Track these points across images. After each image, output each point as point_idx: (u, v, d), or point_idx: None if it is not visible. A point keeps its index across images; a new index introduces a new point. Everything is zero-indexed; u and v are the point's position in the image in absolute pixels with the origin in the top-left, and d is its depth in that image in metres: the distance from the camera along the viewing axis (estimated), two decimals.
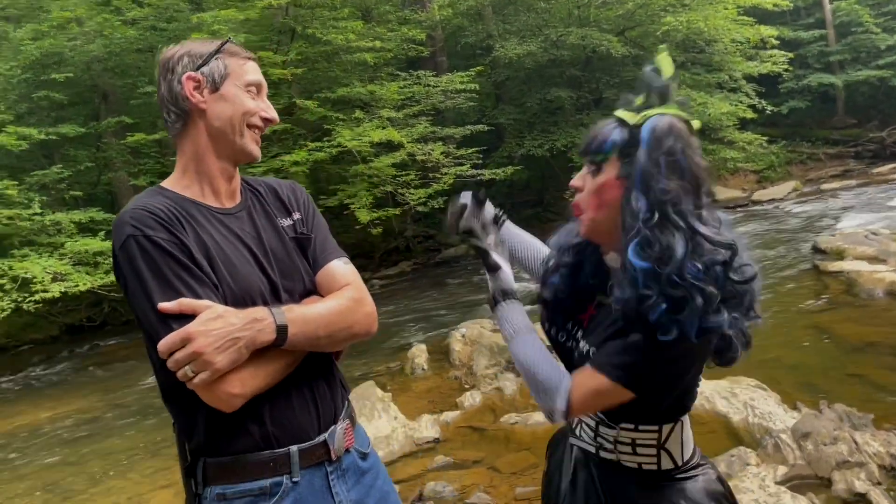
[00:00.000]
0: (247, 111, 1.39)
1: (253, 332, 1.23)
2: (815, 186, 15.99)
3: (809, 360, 4.67)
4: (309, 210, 1.54)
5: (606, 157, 1.30)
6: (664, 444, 1.40)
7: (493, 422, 4.38)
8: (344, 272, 1.47)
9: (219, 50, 1.39)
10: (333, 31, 10.86)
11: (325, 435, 1.39)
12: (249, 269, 1.36)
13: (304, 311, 1.33)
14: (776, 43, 15.99)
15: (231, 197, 1.44)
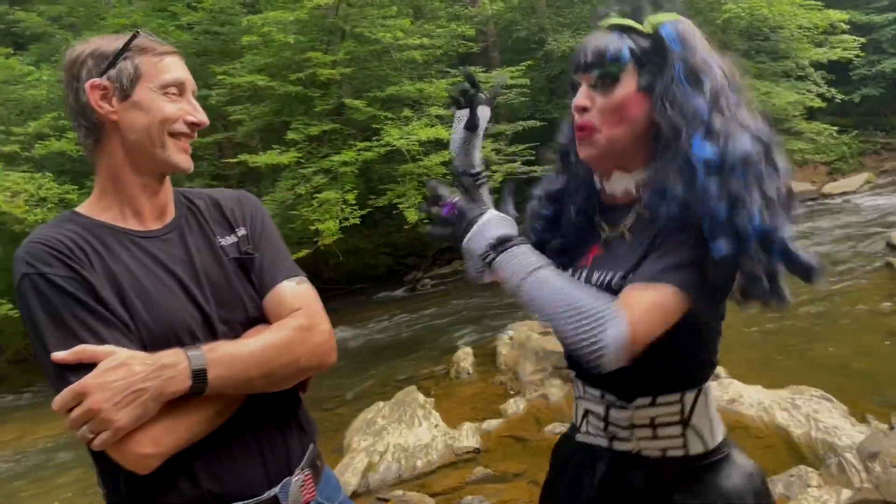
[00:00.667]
0: (165, 118, 1.20)
1: (160, 380, 1.06)
2: (890, 178, 15.16)
3: (882, 368, 4.32)
4: (257, 223, 1.35)
5: (622, 69, 1.19)
6: (689, 419, 1.24)
7: (537, 431, 4.19)
8: (294, 294, 1.27)
9: (126, 47, 1.19)
10: (382, 30, 10.80)
11: (277, 489, 1.21)
12: (173, 301, 1.18)
13: (233, 348, 1.14)
14: (846, 28, 15.23)
15: (158, 217, 1.27)
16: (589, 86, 1.23)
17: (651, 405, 1.24)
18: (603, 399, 1.29)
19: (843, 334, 5.14)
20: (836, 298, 5.99)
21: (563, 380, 4.86)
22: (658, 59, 1.19)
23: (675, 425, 1.24)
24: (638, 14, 1.23)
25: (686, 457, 1.25)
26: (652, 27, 1.21)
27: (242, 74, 10.65)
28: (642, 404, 1.24)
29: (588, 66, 1.21)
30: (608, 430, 1.29)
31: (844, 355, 4.67)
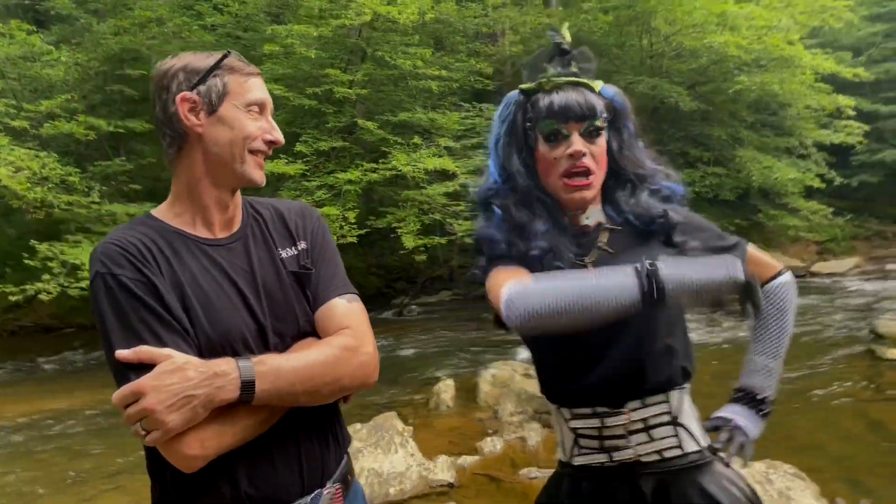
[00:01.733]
0: (248, 135, 1.26)
1: (211, 388, 1.11)
2: (878, 265, 15.37)
3: (856, 452, 4.38)
4: (318, 238, 1.39)
5: (602, 124, 1.42)
6: (678, 417, 1.37)
7: (512, 473, 4.21)
8: (345, 312, 1.31)
9: (217, 65, 1.25)
10: (402, 57, 10.97)
11: (308, 499, 1.25)
12: (232, 311, 1.23)
13: (281, 362, 1.18)
14: (853, 114, 15.57)
15: (226, 226, 1.32)
16: (580, 134, 1.39)
17: (641, 406, 1.35)
18: (595, 414, 1.37)
19: (820, 415, 5.20)
20: (817, 379, 6.07)
21: (542, 424, 4.89)
22: (610, 117, 1.44)
23: (667, 425, 1.36)
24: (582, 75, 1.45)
25: (683, 455, 1.35)
26: (597, 88, 1.44)
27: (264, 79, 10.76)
28: (634, 407, 1.35)
29: (583, 118, 1.38)
30: (605, 445, 1.37)
31: (819, 436, 4.73)
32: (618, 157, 1.45)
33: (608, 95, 1.45)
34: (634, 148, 1.47)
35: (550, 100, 1.40)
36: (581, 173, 1.39)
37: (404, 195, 10.53)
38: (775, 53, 13.47)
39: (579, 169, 1.38)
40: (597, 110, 1.39)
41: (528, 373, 6.09)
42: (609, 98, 1.45)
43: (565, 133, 1.39)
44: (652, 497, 1.34)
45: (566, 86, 1.42)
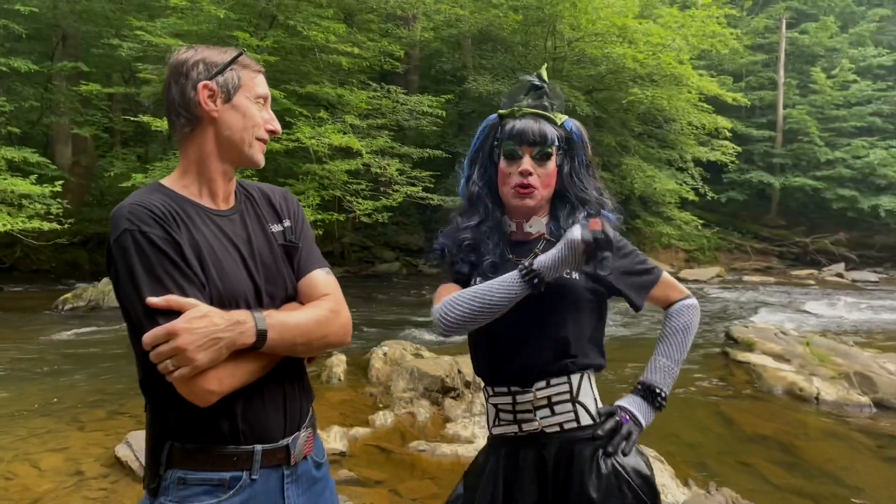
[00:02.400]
0: (256, 123, 1.44)
1: (234, 333, 1.27)
2: (737, 276, 16.78)
3: (706, 441, 4.91)
4: (298, 219, 1.59)
5: (552, 151, 1.68)
6: (577, 397, 1.63)
7: (401, 445, 4.41)
8: (325, 282, 1.52)
9: (234, 60, 1.43)
10: (315, 28, 10.86)
11: (289, 439, 1.44)
12: (237, 272, 1.39)
13: (284, 317, 1.37)
14: (729, 135, 16.83)
15: (226, 199, 1.48)
16: (531, 156, 1.67)
17: (546, 387, 1.62)
18: (509, 392, 1.65)
19: (678, 406, 5.75)
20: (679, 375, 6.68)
21: (430, 402, 5.14)
22: (567, 147, 1.71)
23: (567, 402, 1.62)
24: (548, 110, 1.73)
25: (580, 427, 1.62)
26: (560, 121, 1.72)
27: (161, 35, 10.34)
28: (540, 387, 1.62)
29: (535, 143, 1.67)
30: (517, 418, 1.64)
31: (677, 427, 5.24)
32: (566, 181, 1.71)
33: (568, 128, 1.72)
34: (582, 175, 1.72)
35: (514, 125, 1.69)
36: (525, 188, 1.66)
37: (305, 168, 10.49)
38: (667, 70, 14.37)
39: (524, 185, 1.66)
40: (548, 139, 1.66)
41: (419, 353, 6.33)
42: (568, 130, 1.72)
43: (520, 154, 1.68)
44: (553, 461, 1.61)
45: (530, 115, 1.70)
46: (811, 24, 23.63)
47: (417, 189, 11.21)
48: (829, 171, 20.09)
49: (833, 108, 21.37)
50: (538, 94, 1.75)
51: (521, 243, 1.73)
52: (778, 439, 4.93)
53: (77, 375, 6.17)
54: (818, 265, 18.64)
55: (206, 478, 1.34)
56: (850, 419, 5.44)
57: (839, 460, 4.58)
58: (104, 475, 3.84)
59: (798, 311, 11.58)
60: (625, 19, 13.95)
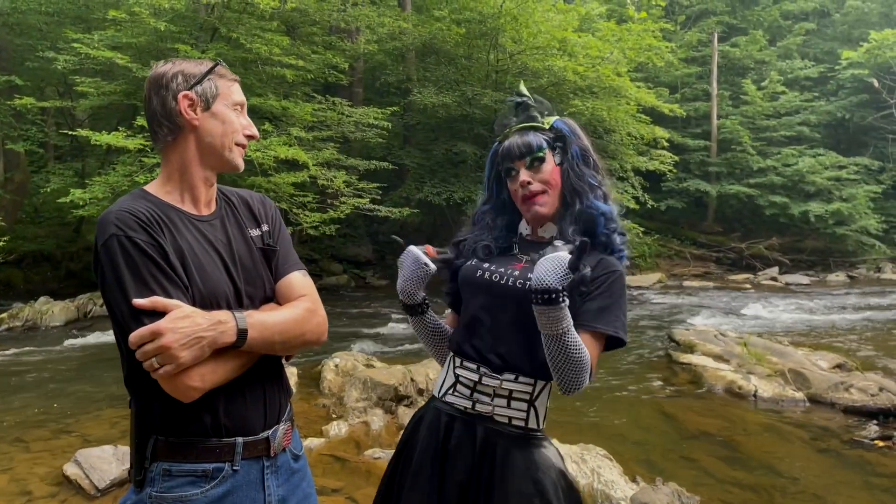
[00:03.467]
0: (235, 129, 1.52)
1: (216, 333, 1.35)
2: (677, 281, 17.27)
3: (651, 439, 5.08)
4: (276, 223, 1.66)
5: (544, 153, 1.78)
6: (534, 401, 1.70)
7: (356, 454, 4.44)
8: (302, 284, 1.59)
9: (211, 70, 1.51)
10: (258, 41, 10.81)
11: (269, 432, 1.51)
12: (218, 275, 1.46)
13: (264, 317, 1.45)
14: (666, 145, 17.33)
15: (208, 205, 1.55)
16: (525, 168, 1.78)
17: (514, 381, 1.69)
18: (477, 370, 1.72)
19: (624, 407, 5.93)
20: (623, 378, 6.88)
21: (384, 410, 5.17)
22: (561, 144, 1.81)
23: (524, 402, 1.69)
24: (533, 120, 1.84)
25: (525, 428, 1.69)
26: (548, 124, 1.83)
27: (98, 47, 10.14)
28: (508, 378, 1.69)
29: (522, 155, 1.79)
30: (473, 396, 1.71)
31: (623, 425, 5.41)
32: (564, 176, 1.80)
33: (558, 126, 1.83)
34: (577, 167, 1.80)
35: (502, 147, 1.84)
36: (531, 196, 1.77)
37: (250, 181, 10.39)
38: (606, 83, 14.76)
39: (529, 194, 1.77)
40: (533, 146, 1.77)
41: (371, 363, 6.36)
42: (558, 129, 1.82)
43: (516, 169, 1.80)
44: (481, 443, 1.68)
45: (515, 133, 1.82)
46: (742, 38, 24.61)
47: (364, 201, 11.24)
48: (761, 178, 20.86)
49: (764, 119, 22.25)
50: (523, 108, 1.87)
51: (532, 243, 1.84)
52: (719, 435, 5.14)
53: (18, 396, 6.00)
54: (754, 269, 19.31)
55: (190, 469, 1.41)
56: (786, 414, 5.71)
57: (776, 453, 4.80)
58: (53, 494, 3.77)
59: (736, 313, 12.01)
60: (564, 33, 14.29)
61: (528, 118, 1.84)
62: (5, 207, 12.33)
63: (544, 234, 1.84)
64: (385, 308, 11.74)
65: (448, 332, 1.93)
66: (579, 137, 1.83)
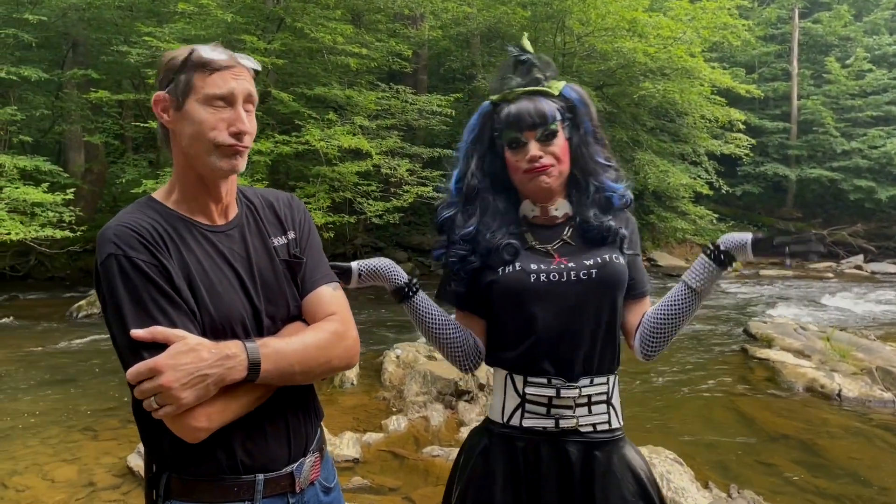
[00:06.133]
0: (213, 127, 1.27)
1: (223, 369, 1.19)
2: (754, 270, 16.58)
3: (726, 441, 4.81)
4: (304, 228, 1.48)
5: (557, 126, 1.57)
6: (611, 398, 1.58)
7: (415, 451, 4.35)
8: (331, 300, 1.42)
9: (184, 64, 1.27)
10: (323, 30, 10.83)
11: (294, 466, 1.36)
12: (232, 294, 1.31)
13: (280, 345, 1.28)
14: (742, 127, 16.64)
15: (224, 213, 1.38)
16: (535, 139, 1.56)
17: (590, 385, 1.55)
18: (550, 384, 1.54)
19: (696, 406, 5.66)
20: (696, 373, 6.58)
21: (444, 405, 5.07)
22: (571, 116, 1.61)
23: (603, 403, 1.56)
24: (539, 83, 1.61)
25: (610, 429, 1.57)
26: (557, 90, 1.60)
27: (169, 40, 10.34)
28: (584, 384, 1.54)
29: (535, 125, 1.55)
30: (551, 413, 1.54)
31: (695, 425, 5.15)
32: (575, 152, 1.61)
33: (568, 95, 1.61)
34: (589, 144, 1.62)
35: (508, 111, 1.58)
36: (542, 168, 1.55)
37: (315, 170, 10.46)
38: (678, 64, 14.21)
39: (538, 168, 1.55)
40: (548, 117, 1.55)
41: (433, 355, 6.26)
42: (569, 98, 1.61)
43: (524, 140, 1.56)
44: (580, 461, 1.54)
45: (523, 96, 1.58)
46: (824, 14, 23.33)
47: (428, 189, 11.14)
48: (845, 161, 19.82)
49: (848, 98, 21.09)
50: (526, 68, 1.63)
51: (545, 227, 1.63)
52: (799, 438, 4.83)
53: (91, 383, 6.16)
54: (836, 258, 18.39)
55: None
56: (874, 416, 5.33)
57: (863, 459, 4.47)
58: (115, 486, 3.82)
59: (817, 305, 11.42)
60: (634, 13, 13.81)
61: (532, 80, 1.60)
62: (85, 197, 12.78)
63: (556, 213, 1.63)
64: None
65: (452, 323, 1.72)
66: (590, 109, 1.63)
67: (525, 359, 1.57)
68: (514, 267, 1.58)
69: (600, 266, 1.55)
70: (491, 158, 1.64)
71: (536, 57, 1.63)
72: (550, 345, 1.55)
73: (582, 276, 1.54)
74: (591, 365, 1.56)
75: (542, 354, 1.55)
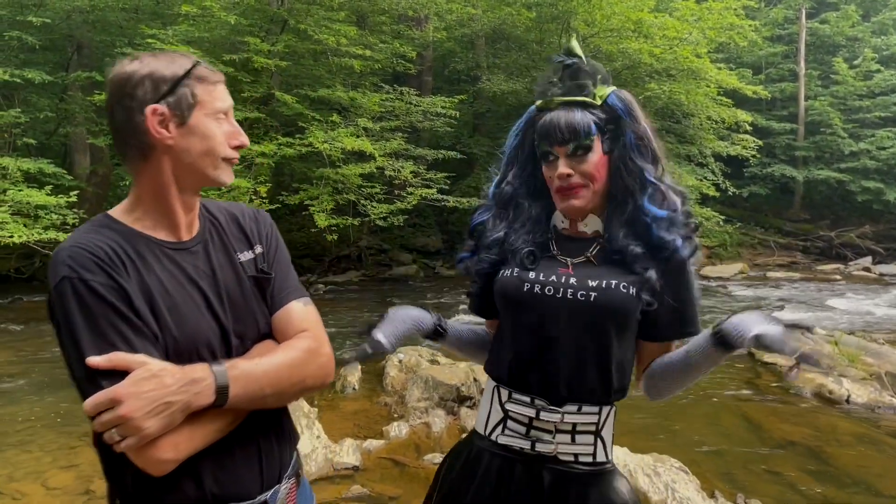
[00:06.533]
0: (221, 142, 1.25)
1: (189, 395, 1.12)
2: (761, 272, 16.47)
3: (732, 448, 4.73)
4: (272, 242, 1.41)
5: (593, 140, 1.45)
6: (601, 431, 1.48)
7: (416, 458, 4.29)
8: (302, 315, 1.35)
9: (187, 75, 1.22)
10: (326, 32, 10.80)
11: (268, 494, 1.29)
12: (198, 315, 1.24)
13: (250, 367, 1.20)
14: (749, 128, 16.52)
15: (189, 228, 1.30)
16: (566, 156, 1.46)
17: (577, 412, 1.45)
18: (532, 404, 1.46)
19: (702, 411, 5.58)
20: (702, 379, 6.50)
21: (446, 411, 5.01)
22: (613, 127, 1.47)
23: (590, 434, 1.46)
24: (582, 90, 1.49)
25: (594, 462, 1.47)
26: (600, 98, 1.48)
27: (173, 42, 10.32)
28: (570, 410, 1.45)
29: (565, 141, 1.45)
30: (530, 434, 1.46)
31: (702, 433, 5.07)
32: (613, 168, 1.48)
33: (612, 104, 1.48)
34: (631, 159, 1.47)
35: (543, 121, 1.49)
36: (568, 188, 1.47)
37: (319, 173, 10.42)
38: (684, 65, 14.13)
39: (567, 186, 1.47)
40: (580, 131, 1.44)
41: (436, 359, 6.20)
42: (612, 106, 1.48)
43: (555, 155, 1.48)
44: (549, 489, 1.45)
45: (561, 106, 1.49)
46: (831, 14, 23.16)
47: (432, 191, 11.09)
48: (853, 162, 19.65)
49: (856, 99, 20.91)
50: (571, 73, 1.51)
51: (571, 240, 1.55)
52: (807, 445, 4.75)
53: None
54: (844, 259, 18.24)
55: None
56: (883, 422, 5.24)
57: (872, 467, 4.39)
58: None
59: (825, 307, 11.30)
60: (640, 14, 13.72)
61: (576, 87, 1.49)
62: (89, 200, 12.76)
63: (586, 230, 1.54)
64: (454, 299, 11.59)
65: (484, 333, 1.69)
66: (636, 120, 1.48)
67: (510, 371, 1.51)
68: (513, 272, 1.51)
69: (601, 290, 1.44)
70: (532, 165, 1.58)
71: (585, 61, 1.52)
72: (533, 361, 1.48)
73: (579, 296, 1.45)
74: (579, 391, 1.46)
75: (526, 369, 1.49)
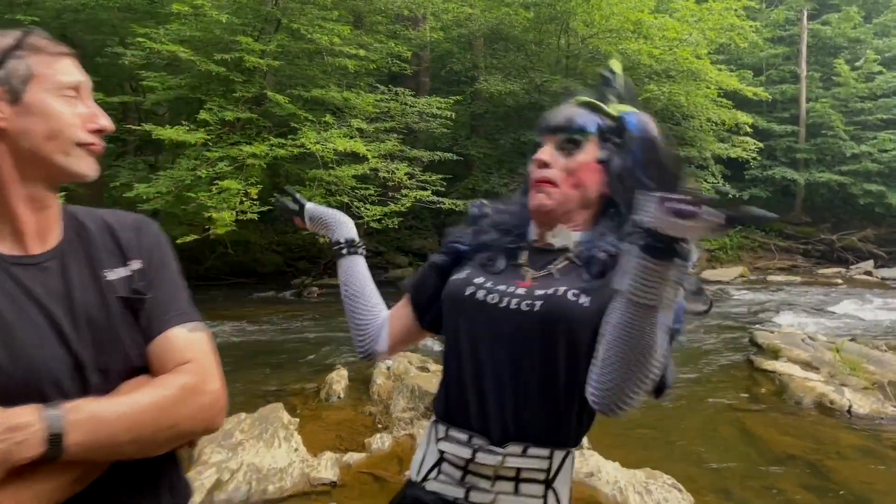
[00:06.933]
0: (70, 123, 1.05)
1: (7, 444, 0.89)
2: (761, 276, 16.30)
3: (729, 462, 4.55)
4: (155, 257, 1.17)
5: (586, 138, 1.31)
6: (553, 480, 1.22)
7: (397, 473, 4.11)
8: (186, 345, 1.10)
9: (18, 45, 1.02)
10: (320, 31, 10.63)
11: None
12: (38, 345, 1.00)
13: (99, 409, 0.97)
14: (749, 130, 16.39)
15: (41, 238, 1.08)
16: (553, 146, 1.32)
17: (521, 455, 1.21)
18: (469, 443, 1.24)
19: (698, 422, 5.40)
20: (698, 386, 6.32)
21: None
22: (618, 140, 1.32)
23: (539, 484, 1.21)
24: (600, 97, 1.37)
25: None
26: (616, 112, 1.34)
27: (164, 41, 10.16)
28: (513, 452, 1.21)
29: (555, 130, 1.32)
30: (465, 481, 1.23)
31: (697, 445, 4.89)
32: (611, 181, 1.32)
33: (626, 119, 1.31)
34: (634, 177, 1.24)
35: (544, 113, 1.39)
36: (539, 181, 1.31)
37: (312, 174, 10.25)
38: (684, 66, 13.98)
39: (540, 178, 1.31)
40: (575, 124, 1.31)
41: (425, 366, 6.03)
42: (625, 121, 1.32)
43: (542, 144, 1.35)
44: None
45: (569, 104, 1.38)
46: (833, 15, 23.01)
47: (427, 193, 10.92)
48: (854, 165, 19.49)
49: (858, 101, 20.75)
50: (602, 84, 1.40)
51: (540, 251, 1.34)
52: (807, 459, 4.57)
53: None
54: (846, 263, 18.07)
55: None
56: (885, 435, 5.06)
57: (875, 482, 4.21)
58: None
59: (825, 312, 11.12)
60: (639, 14, 13.58)
61: (595, 93, 1.39)
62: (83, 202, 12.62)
63: (553, 242, 1.34)
64: None
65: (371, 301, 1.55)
66: (650, 147, 1.23)
67: (447, 401, 1.30)
68: (465, 272, 1.34)
69: (547, 298, 1.22)
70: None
71: (621, 79, 1.41)
72: (471, 386, 1.26)
73: (524, 306, 1.23)
74: (525, 428, 1.22)
75: (462, 396, 1.27)
